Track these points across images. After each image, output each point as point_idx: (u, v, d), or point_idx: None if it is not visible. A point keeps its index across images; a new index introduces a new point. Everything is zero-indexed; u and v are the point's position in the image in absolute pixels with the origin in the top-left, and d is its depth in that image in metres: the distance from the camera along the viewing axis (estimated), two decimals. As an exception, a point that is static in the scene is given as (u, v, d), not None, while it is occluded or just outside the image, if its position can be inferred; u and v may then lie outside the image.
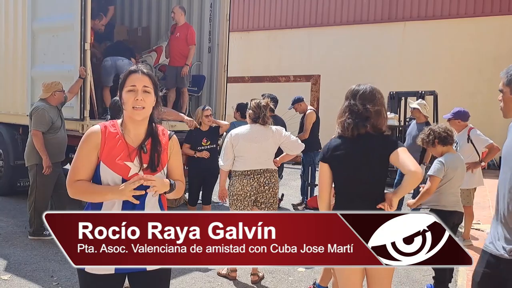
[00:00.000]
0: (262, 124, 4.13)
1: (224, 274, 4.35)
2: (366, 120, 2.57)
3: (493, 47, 12.77)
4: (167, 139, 2.20)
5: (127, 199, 2.01)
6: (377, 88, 2.68)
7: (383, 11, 14.21)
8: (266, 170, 4.13)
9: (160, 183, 2.07)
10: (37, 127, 5.15)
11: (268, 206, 4.17)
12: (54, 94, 5.31)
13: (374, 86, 2.69)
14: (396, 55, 13.88)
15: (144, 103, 2.05)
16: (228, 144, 4.12)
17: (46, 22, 6.17)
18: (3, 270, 4.36)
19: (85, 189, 2.05)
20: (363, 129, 2.56)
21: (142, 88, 2.06)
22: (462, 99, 12.35)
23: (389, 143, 2.61)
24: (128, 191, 1.98)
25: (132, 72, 2.10)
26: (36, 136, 5.14)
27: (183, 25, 7.11)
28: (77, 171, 2.07)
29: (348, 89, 2.73)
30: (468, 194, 5.48)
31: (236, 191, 4.10)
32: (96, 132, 2.08)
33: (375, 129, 2.60)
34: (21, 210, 6.61)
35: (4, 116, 7.29)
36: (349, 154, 2.58)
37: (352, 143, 2.59)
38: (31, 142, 5.23)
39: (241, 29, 16.20)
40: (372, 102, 2.60)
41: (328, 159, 2.63)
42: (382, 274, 2.64)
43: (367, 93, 2.62)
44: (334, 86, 13.99)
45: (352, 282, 2.63)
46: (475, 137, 5.48)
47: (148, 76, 2.10)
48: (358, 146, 2.58)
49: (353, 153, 2.57)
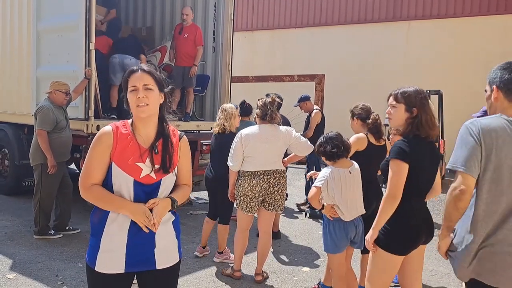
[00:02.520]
0: (270, 122, 4.11)
1: (228, 273, 4.35)
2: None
3: (498, 46, 12.69)
4: (177, 140, 2.19)
5: (137, 223, 2.03)
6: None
7: (387, 10, 14.16)
8: (275, 171, 4.11)
9: (161, 210, 2.07)
10: (42, 127, 5.17)
11: (276, 208, 4.16)
12: (54, 92, 5.31)
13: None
14: (401, 54, 13.82)
15: (147, 100, 2.03)
16: (238, 144, 4.08)
17: (51, 22, 6.20)
18: (8, 269, 4.38)
19: (101, 197, 2.04)
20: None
21: (143, 86, 2.04)
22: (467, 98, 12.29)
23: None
24: (141, 219, 2.01)
25: (132, 72, 2.08)
26: (41, 136, 5.16)
27: (190, 25, 7.13)
28: (91, 173, 2.04)
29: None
30: None
31: (245, 191, 4.08)
32: (108, 132, 2.06)
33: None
34: (26, 209, 6.64)
35: (9, 116, 7.33)
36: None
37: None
38: (36, 142, 5.26)
39: (245, 28, 16.19)
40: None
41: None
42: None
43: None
44: (338, 86, 13.99)
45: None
46: None
47: (148, 73, 2.08)
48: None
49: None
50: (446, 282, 4.41)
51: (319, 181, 3.35)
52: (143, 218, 2.01)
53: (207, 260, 4.81)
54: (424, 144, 2.66)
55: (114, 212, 2.04)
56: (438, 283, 4.38)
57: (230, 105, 4.77)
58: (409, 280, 2.82)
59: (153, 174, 2.06)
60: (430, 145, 2.73)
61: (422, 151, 2.63)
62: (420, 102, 2.69)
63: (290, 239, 5.73)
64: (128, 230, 2.04)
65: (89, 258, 2.09)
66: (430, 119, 2.68)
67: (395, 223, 2.61)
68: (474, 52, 12.97)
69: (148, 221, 2.02)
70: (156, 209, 2.04)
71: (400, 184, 2.54)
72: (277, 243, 5.46)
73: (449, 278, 4.50)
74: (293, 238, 5.77)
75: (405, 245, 2.65)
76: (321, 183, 3.33)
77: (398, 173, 2.55)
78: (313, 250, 5.30)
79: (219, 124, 4.63)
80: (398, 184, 2.54)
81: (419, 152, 2.61)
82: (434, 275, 4.58)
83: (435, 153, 2.77)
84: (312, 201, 3.37)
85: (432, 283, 4.37)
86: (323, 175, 3.36)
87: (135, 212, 2.01)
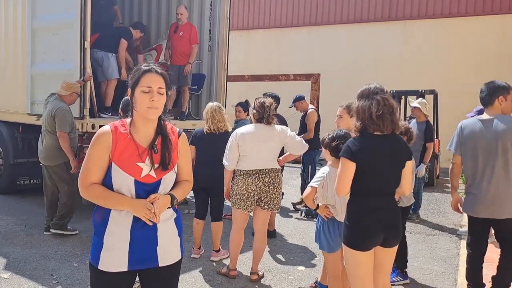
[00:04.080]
0: (267, 124, 4.11)
1: (224, 272, 4.34)
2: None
3: (494, 46, 12.75)
4: (176, 137, 2.19)
5: (140, 217, 2.02)
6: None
7: (383, 10, 14.19)
8: (271, 170, 4.11)
9: (161, 205, 2.07)
10: (63, 129, 5.20)
11: (272, 207, 4.16)
12: (71, 95, 5.39)
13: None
14: (397, 54, 13.86)
15: (158, 103, 2.04)
16: (233, 143, 4.08)
17: (46, 20, 6.16)
18: (2, 268, 4.36)
19: (100, 194, 2.04)
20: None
21: (158, 89, 2.04)
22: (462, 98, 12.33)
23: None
24: (143, 212, 2.01)
25: (146, 71, 2.06)
26: (63, 138, 5.20)
27: (185, 24, 7.13)
28: (90, 172, 2.04)
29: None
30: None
31: (240, 190, 4.08)
32: (107, 132, 2.05)
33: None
34: (20, 208, 6.62)
35: (3, 115, 7.29)
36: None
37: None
38: (55, 143, 5.26)
39: (241, 27, 16.17)
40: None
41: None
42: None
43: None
44: (334, 85, 14.00)
45: (362, 273, 2.76)
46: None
47: (162, 76, 2.08)
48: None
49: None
50: (441, 281, 4.42)
51: (315, 181, 3.34)
52: (145, 211, 2.01)
53: (202, 259, 4.80)
54: (377, 140, 2.69)
55: (116, 210, 2.04)
56: (433, 282, 4.39)
57: (209, 104, 4.73)
58: (374, 279, 2.86)
59: (153, 173, 2.06)
60: (389, 141, 2.72)
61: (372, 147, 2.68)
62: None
63: (285, 238, 5.73)
64: (131, 228, 2.04)
65: (92, 257, 2.09)
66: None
67: (348, 220, 2.77)
68: (470, 52, 13.02)
69: (150, 213, 2.01)
70: (157, 203, 2.05)
71: (344, 180, 2.69)
72: (272, 242, 5.46)
73: (444, 277, 4.52)
74: (289, 237, 5.77)
75: (356, 241, 2.74)
76: (317, 183, 3.33)
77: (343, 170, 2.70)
78: (308, 249, 5.30)
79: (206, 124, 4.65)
80: (342, 180, 2.70)
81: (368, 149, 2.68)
82: (428, 274, 4.60)
83: (393, 148, 2.74)
84: (306, 201, 3.39)
85: (426, 282, 4.38)
86: (320, 175, 3.36)
87: (135, 206, 2.01)
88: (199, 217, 4.82)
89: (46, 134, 5.33)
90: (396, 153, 2.74)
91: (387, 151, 2.70)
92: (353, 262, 2.78)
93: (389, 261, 2.88)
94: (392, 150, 2.72)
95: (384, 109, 2.66)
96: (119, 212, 2.04)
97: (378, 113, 2.64)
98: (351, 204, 2.79)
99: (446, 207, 7.66)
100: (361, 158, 2.64)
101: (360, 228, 2.72)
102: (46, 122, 5.30)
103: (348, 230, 2.77)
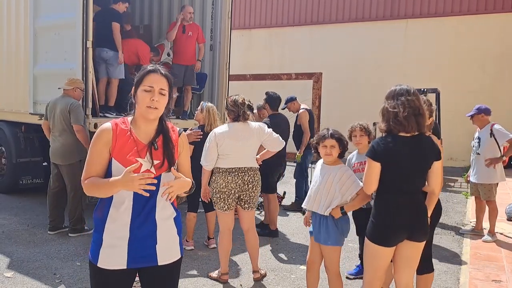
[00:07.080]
0: (243, 121, 4.11)
1: (215, 277, 4.24)
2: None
3: (496, 45, 12.72)
4: (177, 136, 2.21)
5: (136, 191, 1.96)
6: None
7: (385, 9, 14.17)
8: (250, 168, 4.09)
9: (179, 186, 2.07)
10: (79, 122, 5.24)
11: (252, 206, 4.15)
12: (75, 90, 5.41)
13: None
14: (399, 53, 13.84)
15: (158, 104, 2.06)
16: (212, 143, 4.04)
17: (48, 20, 6.18)
18: (6, 267, 4.38)
19: (93, 183, 2.03)
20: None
21: (159, 90, 2.07)
22: (464, 96, 12.32)
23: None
24: (137, 184, 1.93)
25: (151, 71, 2.09)
26: (81, 131, 5.22)
27: (191, 24, 7.19)
28: (90, 168, 2.07)
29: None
30: (490, 189, 5.60)
31: (220, 187, 4.03)
32: (107, 129, 2.08)
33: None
34: (23, 208, 6.64)
35: (6, 114, 7.31)
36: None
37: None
38: (70, 139, 5.26)
39: (242, 26, 16.17)
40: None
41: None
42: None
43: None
44: (336, 84, 14.00)
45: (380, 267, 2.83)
46: (497, 131, 5.59)
47: (165, 78, 2.11)
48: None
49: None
50: (443, 280, 4.42)
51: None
52: (138, 181, 1.93)
53: (204, 258, 4.81)
54: (401, 141, 2.75)
55: (114, 207, 2.05)
56: (435, 281, 4.39)
57: (210, 105, 4.96)
58: (396, 274, 2.93)
59: (153, 170, 2.07)
60: (412, 141, 2.77)
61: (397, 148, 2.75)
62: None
63: (288, 237, 5.74)
64: (130, 225, 2.05)
65: (92, 254, 2.10)
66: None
67: (374, 217, 2.86)
68: (472, 51, 13.00)
69: (144, 181, 1.93)
70: (174, 181, 2.04)
71: (370, 179, 2.80)
72: (275, 241, 5.47)
73: (446, 276, 4.52)
74: (291, 236, 5.78)
75: (380, 237, 2.80)
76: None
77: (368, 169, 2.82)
78: (310, 248, 5.29)
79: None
80: (369, 179, 2.83)
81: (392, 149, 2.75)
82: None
83: (417, 149, 2.77)
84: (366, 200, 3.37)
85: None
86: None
87: (126, 181, 1.93)
88: (192, 211, 5.04)
89: (62, 133, 5.29)
90: (421, 154, 2.78)
91: (411, 151, 2.75)
92: (372, 254, 2.85)
93: (416, 255, 2.88)
94: (417, 151, 2.76)
95: (409, 111, 2.73)
96: (117, 209, 2.05)
97: (403, 114, 2.72)
98: (376, 202, 2.87)
99: (449, 206, 7.65)
100: (384, 158, 2.73)
101: (384, 226, 2.80)
102: (61, 120, 5.26)
103: (373, 227, 2.84)
